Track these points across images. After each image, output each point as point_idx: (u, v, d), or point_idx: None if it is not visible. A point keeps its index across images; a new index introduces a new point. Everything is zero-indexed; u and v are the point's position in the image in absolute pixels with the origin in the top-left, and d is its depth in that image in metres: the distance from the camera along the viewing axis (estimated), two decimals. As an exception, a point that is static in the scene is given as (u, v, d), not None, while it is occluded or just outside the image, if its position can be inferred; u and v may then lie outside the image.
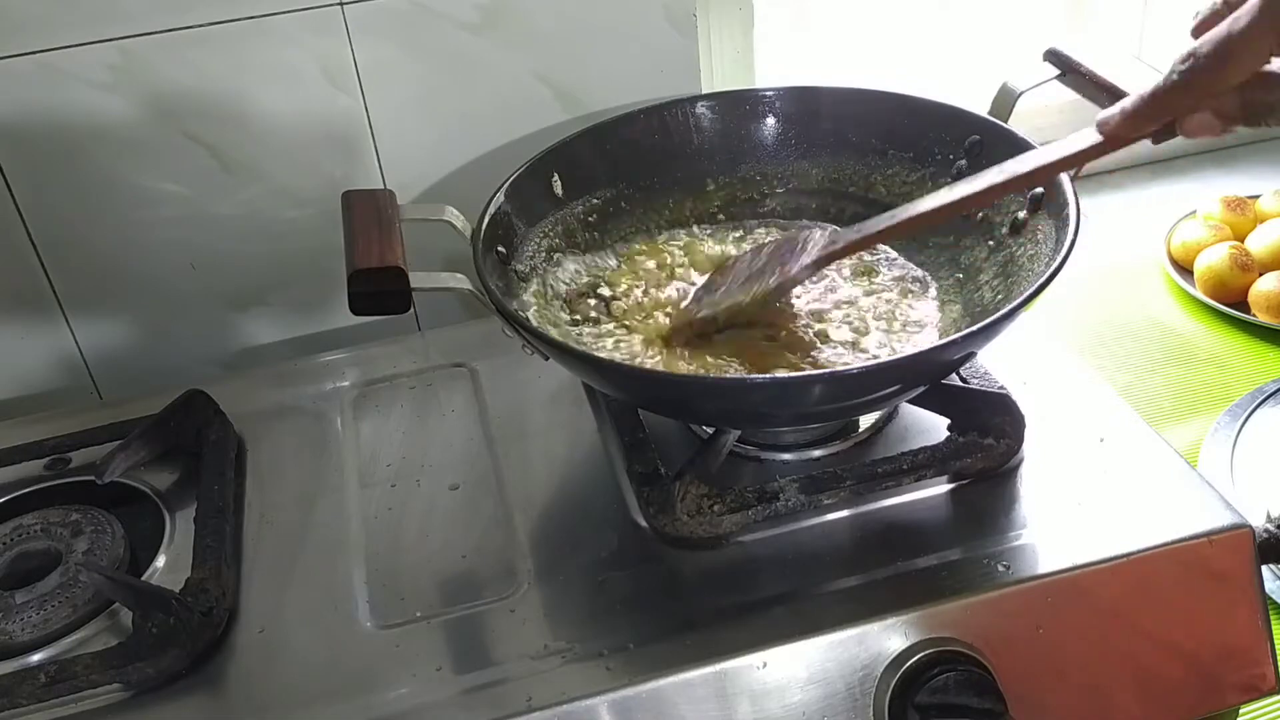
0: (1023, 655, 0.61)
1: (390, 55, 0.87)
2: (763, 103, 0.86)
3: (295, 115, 0.87)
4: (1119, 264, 1.18)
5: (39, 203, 0.85)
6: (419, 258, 0.67)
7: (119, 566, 0.69)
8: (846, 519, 0.67)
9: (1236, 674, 0.64)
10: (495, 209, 0.74)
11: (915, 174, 0.82)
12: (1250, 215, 1.18)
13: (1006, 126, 0.76)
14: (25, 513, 0.74)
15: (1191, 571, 0.63)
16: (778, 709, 0.59)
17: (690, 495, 0.65)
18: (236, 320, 0.94)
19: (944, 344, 0.66)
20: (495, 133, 0.92)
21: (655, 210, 0.85)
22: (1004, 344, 0.70)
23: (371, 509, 0.73)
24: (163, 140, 0.85)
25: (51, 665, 0.61)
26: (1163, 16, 1.30)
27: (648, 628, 0.61)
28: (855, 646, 0.59)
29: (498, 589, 0.65)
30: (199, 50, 0.83)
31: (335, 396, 0.83)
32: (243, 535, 0.72)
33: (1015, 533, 0.65)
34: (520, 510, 0.71)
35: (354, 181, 0.90)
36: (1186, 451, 0.91)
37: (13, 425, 0.84)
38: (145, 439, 0.76)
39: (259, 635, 0.65)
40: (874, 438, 0.73)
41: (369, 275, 0.63)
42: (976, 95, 0.83)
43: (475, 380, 0.83)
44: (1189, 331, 1.09)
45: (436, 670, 0.61)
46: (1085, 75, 0.74)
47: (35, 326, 0.90)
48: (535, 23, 0.88)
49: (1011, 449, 0.69)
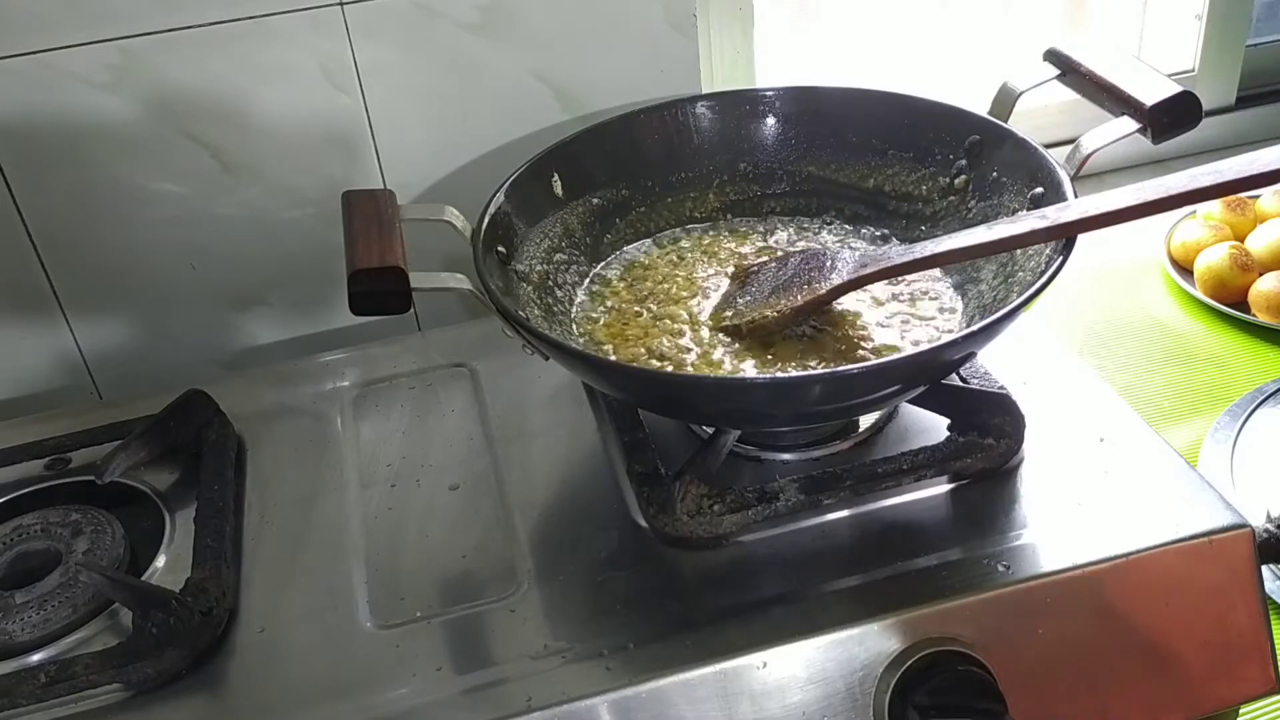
0: (1023, 655, 0.61)
1: (390, 55, 0.87)
2: (763, 103, 0.86)
3: (295, 115, 0.87)
4: (1119, 264, 1.18)
5: (39, 203, 0.85)
6: (419, 258, 0.67)
7: (119, 566, 0.69)
8: (846, 519, 0.67)
9: (1236, 674, 0.64)
10: (495, 209, 0.74)
11: (915, 174, 0.82)
12: (1250, 215, 1.18)
13: (1006, 126, 0.76)
14: (25, 513, 0.74)
15: (1191, 571, 0.63)
16: (778, 709, 0.59)
17: (690, 495, 0.65)
18: (236, 320, 0.94)
19: (944, 344, 0.66)
20: (495, 133, 0.92)
21: (655, 210, 0.85)
22: (1004, 344, 0.70)
23: (371, 509, 0.73)
24: (163, 140, 0.85)
25: (51, 665, 0.61)
26: (1163, 16, 1.30)
27: (648, 628, 0.61)
28: (855, 646, 0.59)
29: (498, 589, 0.65)
30: (199, 50, 0.83)
31: (335, 396, 0.83)
32: (243, 535, 0.72)
33: (1015, 533, 0.65)
34: (520, 510, 0.71)
35: (354, 181, 0.90)
36: (1186, 451, 0.91)
37: (13, 425, 0.84)
38: (145, 439, 0.76)
39: (259, 635, 0.65)
40: (874, 438, 0.73)
41: (369, 275, 0.63)
42: (976, 95, 0.83)
43: (475, 380, 0.83)
44: (1189, 331, 1.09)
45: (436, 670, 0.61)
46: (1085, 75, 0.74)
47: (35, 326, 0.90)
48: (535, 23, 0.88)
49: (1011, 449, 0.69)
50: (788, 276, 0.75)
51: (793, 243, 0.84)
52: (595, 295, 0.80)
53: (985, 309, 0.71)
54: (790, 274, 0.75)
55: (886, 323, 0.73)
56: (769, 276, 0.76)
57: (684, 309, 0.77)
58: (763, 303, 0.74)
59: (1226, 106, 1.34)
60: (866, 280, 0.71)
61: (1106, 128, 0.71)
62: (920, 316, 0.74)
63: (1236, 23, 1.29)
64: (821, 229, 0.85)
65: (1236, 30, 1.30)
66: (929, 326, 0.73)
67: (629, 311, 0.78)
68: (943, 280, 0.77)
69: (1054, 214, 0.65)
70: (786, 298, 0.73)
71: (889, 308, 0.75)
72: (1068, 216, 0.65)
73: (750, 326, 0.73)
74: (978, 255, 0.70)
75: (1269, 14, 1.35)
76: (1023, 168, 0.74)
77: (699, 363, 0.72)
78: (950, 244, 0.69)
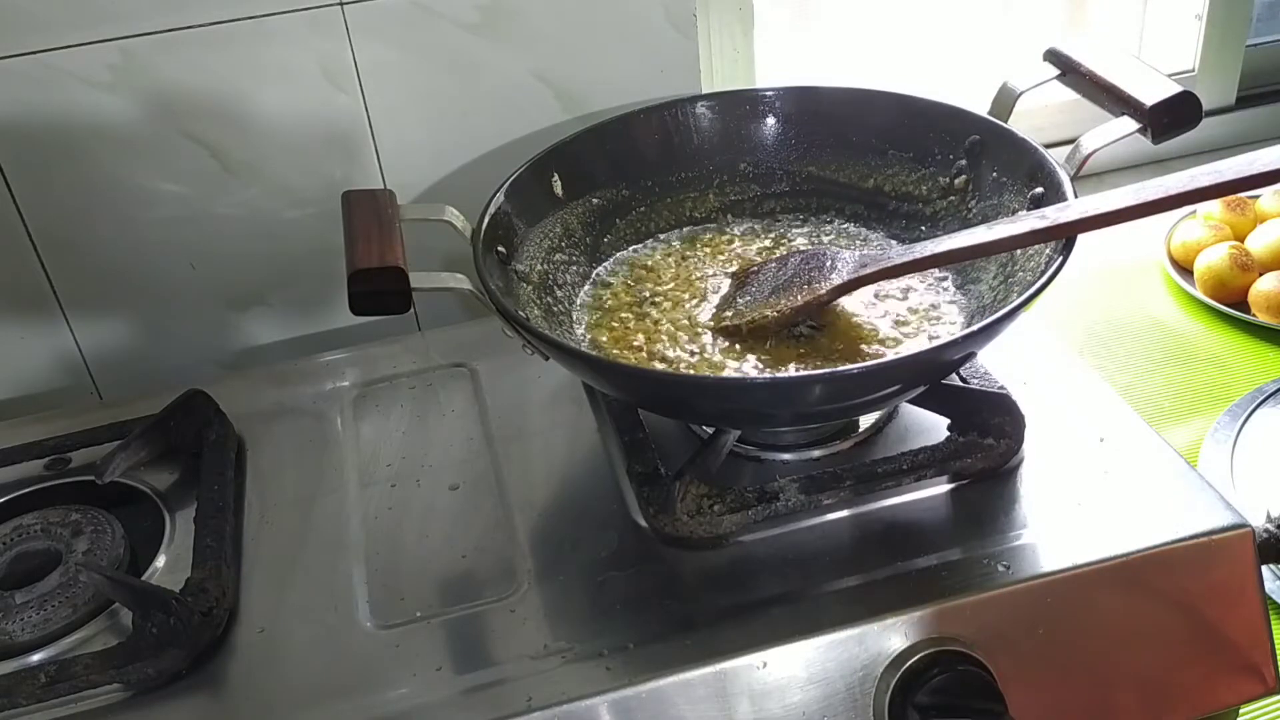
0: (1023, 655, 0.61)
1: (390, 55, 0.87)
2: (763, 103, 0.86)
3: (295, 115, 0.87)
4: (1119, 264, 1.18)
5: (39, 202, 0.85)
6: (419, 258, 0.67)
7: (119, 566, 0.69)
8: (846, 519, 0.67)
9: (1236, 674, 0.64)
10: (495, 209, 0.74)
11: (915, 174, 0.82)
12: (1250, 215, 1.18)
13: (1006, 126, 0.76)
14: (25, 513, 0.74)
15: (1191, 571, 0.63)
16: (778, 709, 0.59)
17: (690, 495, 0.65)
18: (236, 320, 0.94)
19: (944, 344, 0.66)
20: (495, 133, 0.92)
21: (655, 210, 0.85)
22: (1004, 344, 0.70)
23: (371, 509, 0.73)
24: (163, 140, 0.85)
25: (51, 665, 0.61)
26: (1163, 16, 1.31)
27: (648, 628, 0.61)
28: (855, 646, 0.59)
29: (498, 589, 0.65)
30: (199, 50, 0.83)
31: (335, 396, 0.83)
32: (243, 535, 0.72)
33: (1015, 533, 0.65)
34: (520, 510, 0.71)
35: (354, 181, 0.90)
36: (1186, 451, 0.91)
37: (13, 425, 0.84)
38: (145, 439, 0.76)
39: (259, 635, 0.65)
40: (874, 438, 0.73)
41: (369, 275, 0.63)
42: (976, 95, 0.83)
43: (475, 380, 0.83)
44: (1189, 331, 1.09)
45: (436, 670, 0.61)
46: (1085, 75, 0.74)
47: (35, 326, 0.90)
48: (535, 23, 0.88)
49: (1011, 449, 0.69)
50: (788, 277, 0.75)
51: (793, 242, 0.84)
52: (595, 295, 0.80)
53: (985, 309, 0.71)
54: (790, 274, 0.75)
55: (886, 323, 0.73)
56: (769, 277, 0.76)
57: (684, 309, 0.77)
58: (763, 303, 0.74)
59: (1226, 106, 1.34)
60: (866, 280, 0.71)
61: (1106, 128, 0.71)
62: (920, 316, 0.74)
63: (1236, 23, 1.29)
64: (821, 229, 0.85)
65: (1236, 30, 1.30)
66: (928, 326, 0.73)
67: (629, 311, 0.78)
68: (943, 280, 0.77)
69: (1054, 214, 0.65)
70: (786, 298, 0.73)
71: (889, 307, 0.75)
72: (1068, 216, 0.65)
73: (750, 327, 0.73)
74: (978, 255, 0.70)
75: (1269, 14, 1.35)
76: (1023, 168, 0.74)
77: (699, 363, 0.72)
78: (950, 244, 0.69)
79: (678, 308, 0.77)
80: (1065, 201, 0.67)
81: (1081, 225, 0.64)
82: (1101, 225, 0.64)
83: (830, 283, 0.72)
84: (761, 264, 0.78)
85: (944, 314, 0.74)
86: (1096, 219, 0.64)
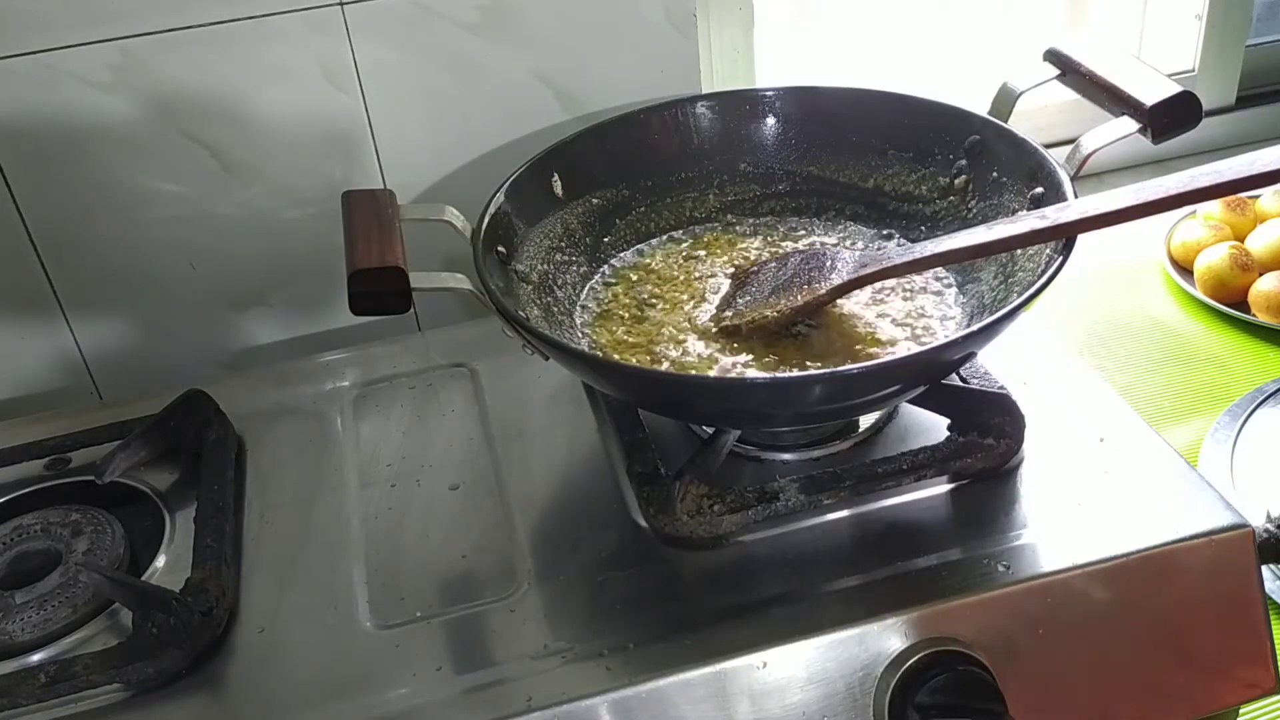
0: (1023, 655, 0.61)
1: (390, 55, 0.87)
2: (763, 103, 0.86)
3: (295, 115, 0.87)
4: (1119, 264, 1.18)
5: (39, 202, 0.85)
6: (419, 258, 0.67)
7: (119, 566, 0.69)
8: (846, 519, 0.67)
9: (1236, 674, 0.64)
10: (495, 209, 0.74)
11: (915, 174, 0.82)
12: (1250, 215, 1.18)
13: (1006, 126, 0.76)
14: (25, 513, 0.74)
15: (1191, 571, 0.63)
16: (778, 709, 0.59)
17: (690, 495, 0.65)
18: (236, 320, 0.94)
19: (944, 344, 0.66)
20: (495, 133, 0.92)
21: (656, 210, 0.85)
22: (1004, 344, 0.70)
23: (371, 509, 0.73)
24: (163, 140, 0.85)
25: (51, 665, 0.61)
26: (1163, 16, 1.31)
27: (648, 628, 0.61)
28: (855, 646, 0.59)
29: (498, 589, 0.65)
30: (199, 50, 0.83)
31: (335, 396, 0.83)
32: (243, 535, 0.72)
33: (1015, 533, 0.65)
34: (520, 510, 0.71)
35: (354, 181, 0.90)
36: (1186, 451, 0.91)
37: (13, 425, 0.84)
38: (145, 439, 0.76)
39: (259, 635, 0.65)
40: (874, 438, 0.73)
41: (369, 275, 0.63)
42: (976, 95, 0.83)
43: (475, 380, 0.83)
44: (1189, 331, 1.09)
45: (436, 670, 0.61)
46: (1085, 75, 0.74)
47: (35, 326, 0.90)
48: (535, 23, 0.88)
49: (1011, 449, 0.69)
50: (788, 276, 0.75)
51: (793, 243, 0.84)
52: (595, 295, 0.80)
53: (985, 309, 0.71)
54: (790, 274, 0.75)
55: (886, 323, 0.73)
56: (769, 276, 0.76)
57: (684, 309, 0.77)
58: (763, 303, 0.74)
59: (1226, 106, 1.34)
60: (866, 280, 0.71)
61: (1106, 128, 0.71)
62: (920, 316, 0.74)
63: (1236, 23, 1.29)
64: (821, 229, 0.85)
65: (1236, 30, 1.30)
66: (929, 326, 0.73)
67: (629, 311, 0.78)
68: (943, 280, 0.77)
69: (1054, 214, 0.65)
70: (786, 298, 0.73)
71: (889, 307, 0.75)
72: (1068, 216, 0.65)
73: (750, 326, 0.73)
74: (978, 255, 0.70)
75: (1269, 14, 1.35)
76: (1023, 168, 0.74)
77: (699, 363, 0.72)
78: (950, 244, 0.69)
79: (677, 308, 0.78)
80: (1065, 201, 0.67)
81: (1081, 225, 0.64)
82: (1101, 225, 0.64)
83: (830, 283, 0.72)
84: (761, 264, 0.78)
85: (944, 314, 0.74)
86: (1096, 219, 0.64)
